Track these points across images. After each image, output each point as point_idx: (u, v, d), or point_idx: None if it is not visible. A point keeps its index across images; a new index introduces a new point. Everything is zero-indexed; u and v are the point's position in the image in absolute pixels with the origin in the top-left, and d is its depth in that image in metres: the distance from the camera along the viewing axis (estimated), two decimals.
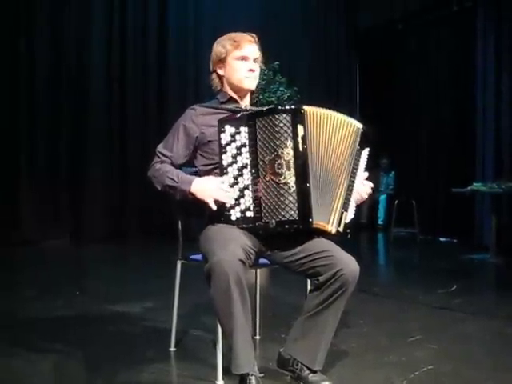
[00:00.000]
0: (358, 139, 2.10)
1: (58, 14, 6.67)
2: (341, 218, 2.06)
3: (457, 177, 6.98)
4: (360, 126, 2.11)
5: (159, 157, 2.23)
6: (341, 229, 2.06)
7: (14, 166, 6.40)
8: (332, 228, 2.04)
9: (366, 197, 2.23)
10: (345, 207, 2.08)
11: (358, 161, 2.12)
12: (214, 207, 2.03)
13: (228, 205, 2.04)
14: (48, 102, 6.63)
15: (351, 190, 2.10)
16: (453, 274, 4.83)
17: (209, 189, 2.04)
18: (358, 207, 2.22)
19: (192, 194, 2.07)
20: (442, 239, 7.59)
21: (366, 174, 2.23)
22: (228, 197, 2.03)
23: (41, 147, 6.58)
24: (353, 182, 2.11)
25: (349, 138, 2.08)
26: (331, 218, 2.04)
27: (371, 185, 2.25)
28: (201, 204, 2.09)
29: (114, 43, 7.12)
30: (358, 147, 2.10)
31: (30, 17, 6.45)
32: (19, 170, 6.44)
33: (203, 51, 7.48)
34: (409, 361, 2.43)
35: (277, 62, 5.58)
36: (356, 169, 2.11)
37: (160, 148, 2.26)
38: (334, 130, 2.05)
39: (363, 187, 2.21)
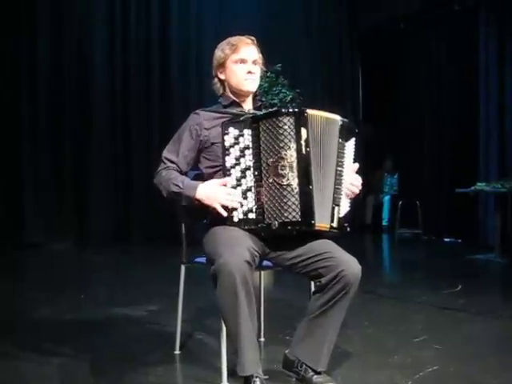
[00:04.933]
0: (338, 132, 2.09)
1: (59, 20, 6.67)
2: (333, 213, 2.05)
3: (460, 177, 6.95)
4: (339, 118, 2.12)
5: (165, 163, 2.23)
6: (335, 224, 2.06)
7: (18, 170, 6.41)
8: (325, 224, 2.03)
9: (357, 191, 2.18)
10: (335, 202, 2.07)
11: (343, 153, 2.11)
12: (224, 213, 2.03)
13: (234, 207, 2.04)
14: (51, 106, 6.63)
15: (340, 183, 2.10)
16: (457, 275, 4.81)
17: (214, 194, 2.05)
18: (354, 200, 2.18)
19: (198, 200, 2.08)
20: (446, 239, 7.56)
21: (357, 166, 2.20)
22: (234, 200, 2.04)
23: (45, 151, 6.59)
24: (340, 175, 2.09)
25: (334, 133, 2.09)
26: (326, 216, 2.04)
27: (360, 180, 2.20)
28: (206, 208, 2.09)
29: (116, 49, 7.11)
30: (340, 140, 2.10)
31: (31, 19, 6.47)
32: (24, 174, 6.45)
33: (205, 55, 7.47)
34: (414, 361, 2.43)
35: (279, 64, 5.58)
36: (341, 161, 2.10)
37: (165, 153, 2.26)
38: (327, 130, 2.07)
39: (353, 179, 2.17)
